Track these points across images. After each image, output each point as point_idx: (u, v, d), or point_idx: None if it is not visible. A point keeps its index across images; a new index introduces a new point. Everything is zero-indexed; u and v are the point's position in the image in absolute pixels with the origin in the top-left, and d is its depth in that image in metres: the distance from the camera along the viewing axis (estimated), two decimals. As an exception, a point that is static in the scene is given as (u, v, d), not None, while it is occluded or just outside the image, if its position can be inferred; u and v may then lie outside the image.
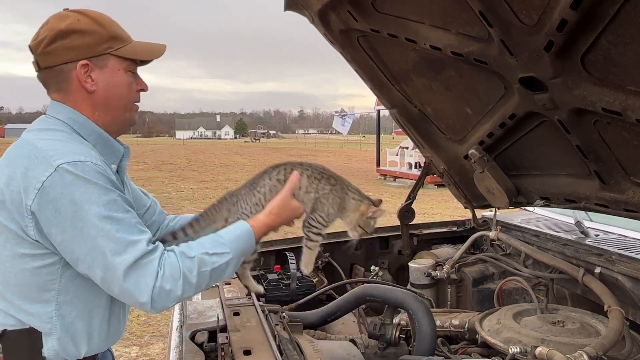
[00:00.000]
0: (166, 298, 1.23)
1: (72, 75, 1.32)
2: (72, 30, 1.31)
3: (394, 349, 1.82)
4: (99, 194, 1.21)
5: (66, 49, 1.31)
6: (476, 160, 2.14)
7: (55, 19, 1.34)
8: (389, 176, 19.69)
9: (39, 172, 1.19)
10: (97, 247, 1.19)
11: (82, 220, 1.19)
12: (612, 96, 1.38)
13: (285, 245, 2.64)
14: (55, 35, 1.30)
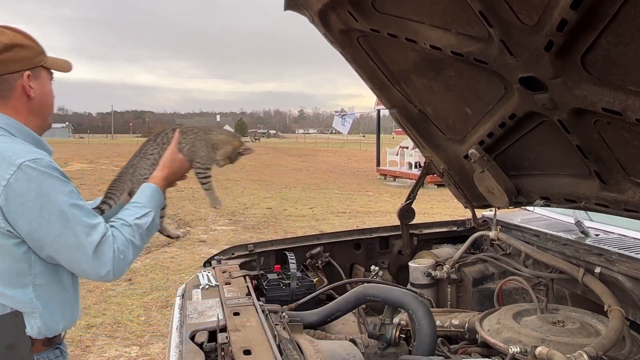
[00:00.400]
0: (123, 264, 1.46)
1: (17, 84, 1.47)
2: (14, 44, 1.46)
3: (394, 349, 1.82)
4: (62, 186, 1.39)
5: (12, 60, 1.45)
6: (476, 160, 2.14)
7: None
8: (389, 176, 19.70)
9: (2, 170, 1.33)
10: (69, 230, 1.37)
11: (49, 209, 1.35)
12: (612, 96, 1.38)
13: (285, 245, 2.65)
14: (2, 48, 1.43)
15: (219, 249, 2.70)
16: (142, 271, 6.65)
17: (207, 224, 9.82)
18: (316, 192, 15.56)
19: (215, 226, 9.67)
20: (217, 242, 8.19)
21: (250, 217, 10.68)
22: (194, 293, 1.99)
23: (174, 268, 6.84)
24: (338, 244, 2.79)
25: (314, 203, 13.15)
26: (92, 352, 4.36)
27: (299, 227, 9.75)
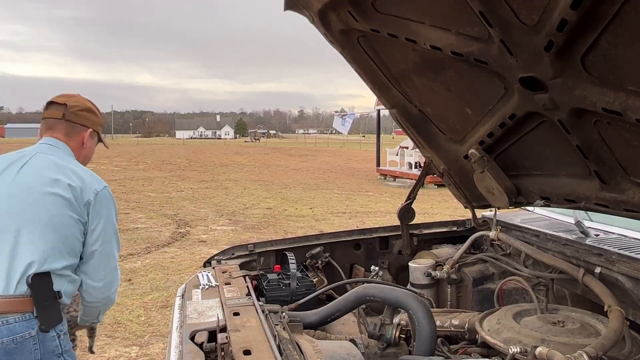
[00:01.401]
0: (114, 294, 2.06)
1: (82, 133, 2.10)
2: (92, 110, 2.15)
3: (394, 349, 1.82)
4: (116, 213, 2.04)
5: (87, 118, 2.12)
6: (476, 160, 2.14)
7: (82, 98, 2.17)
8: (389, 176, 19.70)
9: (97, 183, 1.97)
10: (113, 242, 2.00)
11: (110, 223, 1.98)
12: (612, 96, 1.38)
13: (285, 245, 2.65)
14: (85, 108, 2.12)
15: (218, 249, 2.70)
16: (142, 271, 6.65)
17: (207, 224, 9.82)
18: (316, 192, 15.57)
19: (215, 226, 9.67)
20: (217, 242, 8.19)
21: (250, 217, 10.68)
22: (194, 293, 1.99)
23: (174, 268, 6.84)
24: (338, 244, 2.79)
25: (314, 203, 13.15)
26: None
27: (299, 227, 9.75)
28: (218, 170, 22.58)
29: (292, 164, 28.46)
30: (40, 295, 1.78)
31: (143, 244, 8.30)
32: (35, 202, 1.84)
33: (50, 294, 1.80)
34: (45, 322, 1.79)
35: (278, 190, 15.96)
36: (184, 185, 16.67)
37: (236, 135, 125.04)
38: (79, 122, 2.08)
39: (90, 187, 1.93)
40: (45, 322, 1.78)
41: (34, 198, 1.85)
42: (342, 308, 1.94)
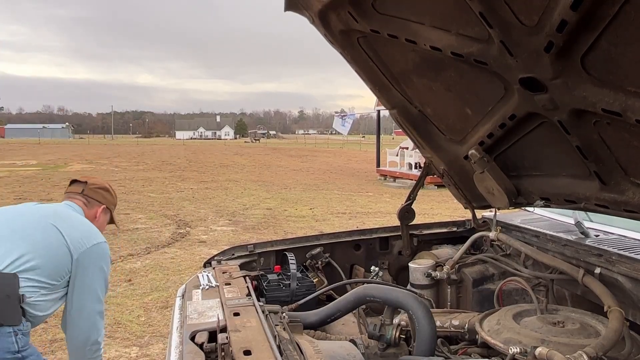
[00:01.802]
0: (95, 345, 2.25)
1: (96, 207, 2.46)
2: (109, 190, 2.55)
3: (394, 349, 1.82)
4: (108, 271, 2.29)
5: (103, 196, 2.50)
6: (476, 161, 2.14)
7: (103, 181, 2.56)
8: (389, 176, 19.70)
9: (95, 236, 2.26)
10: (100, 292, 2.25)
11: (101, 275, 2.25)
12: (612, 97, 1.38)
13: (285, 246, 2.65)
14: (103, 187, 2.51)
15: (219, 249, 2.70)
16: (142, 272, 6.65)
17: (207, 225, 9.82)
18: (316, 193, 15.56)
19: (215, 227, 9.67)
20: (217, 243, 8.19)
21: (250, 218, 10.68)
22: (194, 293, 1.99)
23: (174, 268, 6.84)
24: (338, 244, 2.79)
25: (314, 203, 13.15)
26: (92, 352, 4.36)
27: (299, 228, 9.75)
28: (218, 170, 22.58)
29: (292, 164, 28.46)
30: (1, 292, 1.94)
31: (143, 244, 8.31)
32: (38, 225, 2.16)
33: (11, 292, 1.95)
34: (2, 318, 1.93)
35: (278, 190, 15.96)
36: (184, 185, 16.67)
37: (236, 136, 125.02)
38: (95, 198, 2.45)
39: (90, 237, 2.22)
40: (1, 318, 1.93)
41: (37, 222, 2.18)
42: (342, 308, 1.94)
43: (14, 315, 1.95)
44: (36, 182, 17.56)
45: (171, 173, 21.94)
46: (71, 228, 2.19)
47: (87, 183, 2.45)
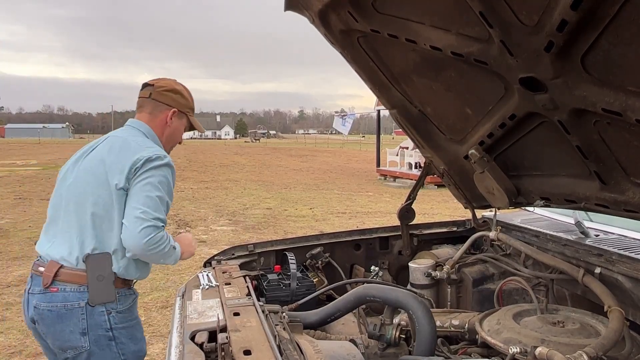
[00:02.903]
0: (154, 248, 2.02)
1: (164, 112, 2.26)
2: (179, 92, 2.30)
3: (394, 349, 1.82)
4: (161, 178, 2.08)
5: (171, 98, 2.27)
6: (476, 161, 2.14)
7: (173, 81, 2.33)
8: (389, 176, 19.70)
9: (144, 151, 2.07)
10: (153, 199, 2.03)
11: (153, 184, 2.04)
12: (612, 97, 1.38)
13: (285, 245, 2.65)
14: (171, 89, 2.28)
15: (219, 249, 2.70)
16: (142, 271, 6.64)
17: (207, 224, 9.82)
18: (316, 193, 15.56)
19: (215, 226, 9.67)
20: (217, 243, 8.19)
21: (250, 218, 10.68)
22: (194, 293, 1.99)
23: (174, 268, 6.84)
24: (338, 244, 2.79)
25: (314, 203, 13.15)
26: (92, 352, 4.36)
27: (299, 228, 9.75)
28: (218, 170, 22.57)
29: (292, 164, 28.46)
30: (93, 273, 1.99)
31: (143, 244, 8.29)
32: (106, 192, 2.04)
33: (104, 273, 2.01)
34: (94, 298, 1.99)
35: (278, 190, 15.96)
36: (184, 185, 16.66)
37: (236, 136, 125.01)
38: (164, 102, 2.25)
39: (137, 154, 2.05)
40: (93, 297, 1.99)
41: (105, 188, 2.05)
42: (342, 308, 1.94)
43: (106, 295, 2.02)
44: (36, 182, 17.56)
45: (171, 173, 21.86)
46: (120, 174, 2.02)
47: (154, 86, 2.26)
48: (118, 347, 2.07)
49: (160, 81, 2.29)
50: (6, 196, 13.86)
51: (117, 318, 2.06)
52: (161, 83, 2.28)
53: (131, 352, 2.12)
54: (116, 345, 2.06)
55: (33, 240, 8.57)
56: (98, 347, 2.02)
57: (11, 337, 4.64)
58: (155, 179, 2.06)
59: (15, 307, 5.45)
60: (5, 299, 5.68)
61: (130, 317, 2.12)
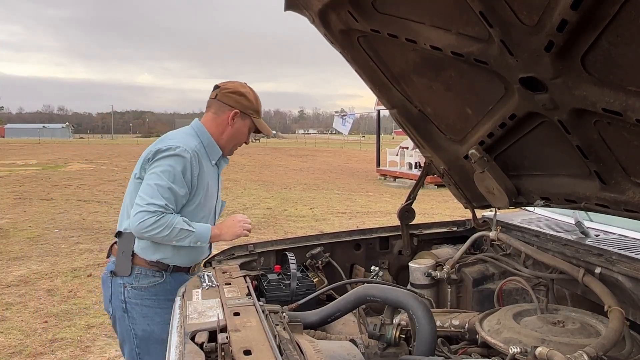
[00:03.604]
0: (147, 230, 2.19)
1: (227, 113, 2.41)
2: (242, 94, 2.43)
3: (394, 349, 1.82)
4: (166, 167, 2.23)
5: (234, 100, 2.41)
6: (476, 161, 2.14)
7: (239, 84, 2.46)
8: (389, 176, 19.70)
9: (163, 144, 2.28)
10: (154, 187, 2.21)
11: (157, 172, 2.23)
12: (612, 96, 1.38)
13: (285, 246, 2.65)
14: (235, 91, 2.42)
15: (218, 249, 2.70)
16: (142, 271, 6.64)
17: (207, 224, 9.80)
18: (316, 193, 15.56)
19: (215, 226, 9.65)
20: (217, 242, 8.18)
21: (250, 217, 10.60)
22: (194, 293, 1.99)
23: (174, 268, 6.83)
24: (338, 244, 2.79)
25: (314, 203, 13.15)
26: (92, 352, 4.36)
27: (299, 228, 9.75)
28: (218, 170, 22.50)
29: (292, 164, 28.45)
30: (120, 249, 2.32)
31: (143, 244, 8.28)
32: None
33: (126, 250, 2.30)
34: (116, 269, 2.31)
35: (278, 190, 15.96)
36: (184, 185, 16.65)
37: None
38: (227, 103, 2.40)
39: (154, 147, 2.28)
40: (116, 269, 2.31)
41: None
42: (342, 308, 1.93)
43: (124, 269, 2.29)
44: (36, 182, 17.56)
45: (171, 173, 21.84)
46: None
47: (220, 87, 2.42)
48: (129, 321, 2.31)
49: (227, 84, 2.44)
50: (6, 196, 13.86)
51: (131, 292, 2.29)
52: (227, 85, 2.43)
53: (141, 330, 2.31)
54: (128, 318, 2.31)
55: (33, 240, 8.58)
56: (118, 315, 2.33)
57: (11, 337, 4.64)
58: (159, 168, 2.22)
59: (15, 307, 5.45)
60: (5, 299, 5.68)
61: (147, 296, 2.31)
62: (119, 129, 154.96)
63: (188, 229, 2.26)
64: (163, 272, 2.34)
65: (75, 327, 4.90)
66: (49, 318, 5.11)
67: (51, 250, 7.97)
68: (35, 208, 12.00)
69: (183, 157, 2.24)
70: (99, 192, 15.22)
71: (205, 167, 2.38)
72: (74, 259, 7.40)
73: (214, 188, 2.51)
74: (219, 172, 2.58)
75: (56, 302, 5.61)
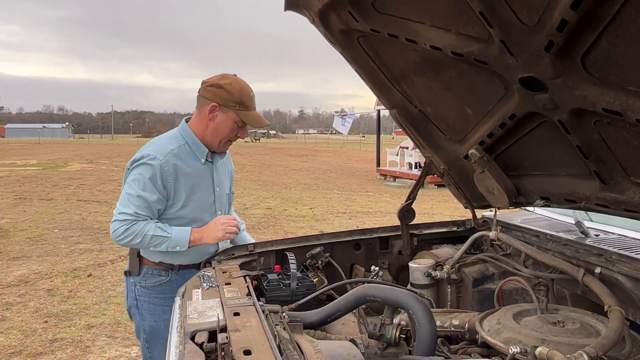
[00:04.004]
0: (119, 238, 2.30)
1: (206, 107, 2.36)
2: (221, 86, 2.34)
3: (394, 349, 1.82)
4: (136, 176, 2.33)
5: (213, 93, 2.35)
6: (476, 161, 2.14)
7: (222, 77, 2.36)
8: (389, 176, 19.71)
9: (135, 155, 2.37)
10: (122, 197, 2.35)
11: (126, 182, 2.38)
12: (612, 96, 1.38)
13: (285, 246, 2.64)
14: (214, 84, 2.35)
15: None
16: (142, 271, 6.63)
17: (207, 224, 9.80)
18: (316, 193, 15.56)
19: (215, 226, 9.65)
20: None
21: (250, 217, 10.67)
22: (194, 293, 1.99)
23: (174, 268, 6.82)
24: (338, 244, 2.79)
25: (314, 203, 13.15)
26: (92, 352, 4.37)
27: (299, 227, 9.75)
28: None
29: (292, 164, 28.45)
30: (132, 250, 2.46)
31: (143, 244, 8.28)
32: None
33: (134, 251, 2.45)
34: (129, 269, 2.48)
35: (278, 190, 15.96)
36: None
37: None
38: (206, 96, 2.36)
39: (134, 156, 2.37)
40: (129, 269, 2.48)
41: None
42: (342, 308, 1.93)
43: (134, 269, 2.45)
44: (36, 182, 17.56)
45: (171, 173, 21.83)
46: None
47: (203, 82, 2.39)
48: (140, 317, 2.46)
49: (211, 77, 2.40)
50: (6, 196, 13.86)
51: (140, 291, 2.44)
52: (210, 79, 2.38)
53: (149, 326, 2.45)
54: (138, 315, 2.46)
55: (33, 240, 8.58)
56: (132, 312, 2.50)
57: (11, 337, 4.64)
58: (131, 177, 2.33)
59: (15, 307, 5.45)
60: (5, 299, 5.68)
61: (154, 294, 2.43)
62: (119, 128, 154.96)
63: (162, 235, 2.30)
64: (169, 270, 2.44)
65: (75, 327, 4.90)
66: (49, 318, 5.12)
67: (51, 250, 7.97)
68: (35, 208, 12.00)
69: (151, 165, 2.30)
70: (99, 192, 15.23)
71: (190, 168, 2.41)
72: (74, 259, 7.40)
73: (208, 185, 2.51)
74: (213, 169, 2.54)
75: (56, 302, 5.61)
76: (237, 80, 2.39)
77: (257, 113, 2.47)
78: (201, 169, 2.47)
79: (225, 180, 2.65)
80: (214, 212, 2.56)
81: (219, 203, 2.60)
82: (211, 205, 2.54)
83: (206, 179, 2.51)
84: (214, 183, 2.55)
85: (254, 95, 2.44)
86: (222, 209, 2.63)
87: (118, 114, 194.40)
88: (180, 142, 2.41)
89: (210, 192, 2.53)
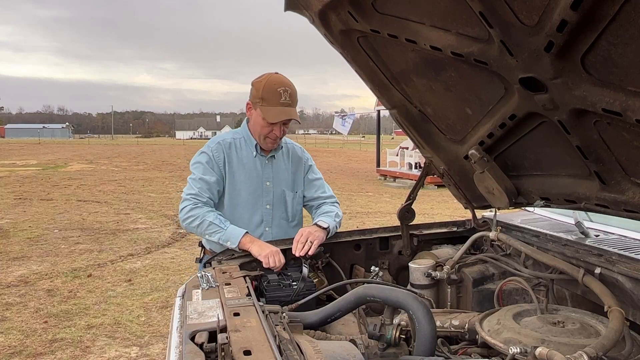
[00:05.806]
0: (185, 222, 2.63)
1: (247, 104, 2.68)
2: (253, 84, 2.62)
3: (394, 349, 1.82)
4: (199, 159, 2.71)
5: (250, 92, 2.65)
6: (476, 161, 2.14)
7: (260, 76, 2.63)
8: (389, 176, 19.71)
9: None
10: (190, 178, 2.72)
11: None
12: (612, 97, 1.38)
13: (285, 246, 2.64)
14: (252, 83, 2.63)
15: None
16: (142, 272, 6.65)
17: (207, 225, 9.80)
18: (316, 193, 15.51)
19: (215, 226, 9.65)
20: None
21: (250, 218, 10.65)
22: (194, 293, 1.99)
23: (174, 269, 6.85)
24: (338, 244, 2.79)
25: (314, 203, 13.10)
26: (92, 352, 4.37)
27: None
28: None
29: (292, 164, 28.40)
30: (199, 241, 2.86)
31: (143, 244, 8.31)
32: None
33: (199, 241, 2.84)
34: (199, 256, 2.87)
35: (278, 190, 15.91)
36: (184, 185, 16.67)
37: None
38: (250, 96, 2.65)
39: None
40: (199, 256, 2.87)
41: None
42: (342, 308, 1.93)
43: (200, 257, 2.90)
44: (36, 182, 17.57)
45: (171, 173, 21.95)
46: None
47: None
48: None
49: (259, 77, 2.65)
50: (6, 196, 13.86)
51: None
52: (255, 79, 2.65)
53: None
54: None
55: (33, 241, 8.58)
56: None
57: (11, 337, 4.64)
58: (192, 166, 2.69)
59: (15, 307, 5.45)
60: (5, 299, 5.69)
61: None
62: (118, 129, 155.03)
63: (219, 225, 2.53)
64: (214, 256, 2.60)
65: (75, 327, 4.91)
66: (49, 318, 5.12)
67: (51, 250, 7.97)
68: (35, 208, 12.00)
69: (205, 152, 2.68)
70: (99, 192, 15.23)
71: (242, 157, 2.71)
72: (74, 259, 7.41)
73: (255, 176, 2.73)
74: (264, 162, 2.76)
75: (56, 302, 5.62)
76: (270, 76, 2.59)
77: (280, 108, 2.55)
78: (252, 161, 2.72)
79: (283, 176, 2.81)
80: (262, 205, 2.74)
81: (268, 197, 2.76)
82: (258, 197, 2.73)
83: (255, 171, 2.73)
84: (263, 176, 2.75)
85: (283, 91, 2.54)
86: (274, 204, 2.78)
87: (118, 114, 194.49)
88: (237, 136, 2.74)
89: (259, 184, 2.73)
